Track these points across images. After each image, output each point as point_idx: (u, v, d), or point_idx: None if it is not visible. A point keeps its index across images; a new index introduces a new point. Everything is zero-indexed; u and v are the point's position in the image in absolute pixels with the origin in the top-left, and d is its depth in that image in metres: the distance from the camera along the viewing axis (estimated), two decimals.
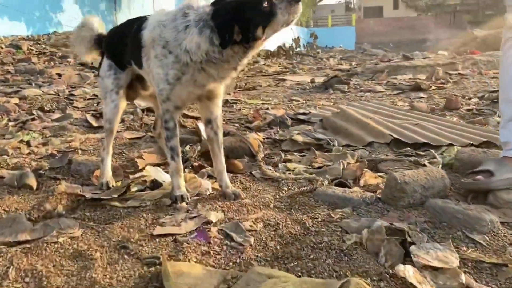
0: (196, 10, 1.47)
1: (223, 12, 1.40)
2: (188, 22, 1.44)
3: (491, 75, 4.12)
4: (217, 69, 1.47)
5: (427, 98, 3.27)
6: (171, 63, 1.48)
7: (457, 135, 2.18)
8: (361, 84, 3.93)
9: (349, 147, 2.16)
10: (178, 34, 1.46)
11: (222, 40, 1.39)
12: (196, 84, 1.51)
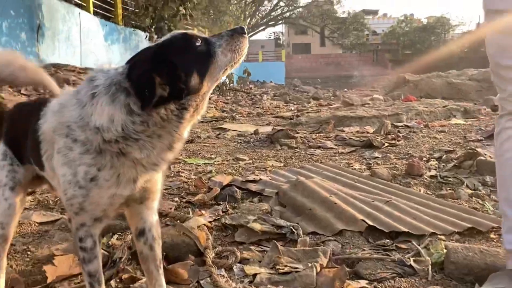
0: (106, 72, 1.04)
1: (138, 64, 1.00)
2: (95, 89, 1.02)
3: (438, 129, 4.01)
4: (144, 149, 1.02)
5: (383, 158, 3.03)
6: (79, 156, 1.02)
7: (435, 218, 1.90)
8: (309, 138, 3.64)
9: (316, 235, 1.80)
10: (83, 109, 1.02)
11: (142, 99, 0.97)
12: (120, 180, 1.06)
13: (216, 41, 1.07)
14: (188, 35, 1.06)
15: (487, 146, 3.15)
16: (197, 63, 1.03)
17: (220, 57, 1.06)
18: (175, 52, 1.02)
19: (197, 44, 1.04)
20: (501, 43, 1.26)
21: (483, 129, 3.88)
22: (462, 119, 4.58)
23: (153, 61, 1.00)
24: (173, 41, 1.05)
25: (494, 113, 5.01)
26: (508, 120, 1.28)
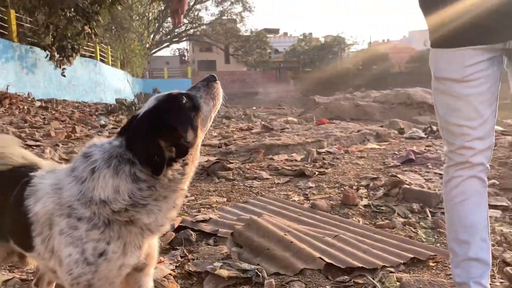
0: (100, 146, 1.07)
1: (140, 134, 1.05)
2: (94, 164, 1.05)
3: (358, 154, 4.33)
4: (152, 213, 1.07)
5: (316, 188, 3.22)
6: (86, 234, 1.04)
7: (382, 250, 2.10)
8: (244, 168, 3.74)
9: (278, 275, 1.90)
10: (83, 185, 1.05)
11: (154, 167, 1.02)
12: (126, 250, 1.09)
13: (197, 93, 1.17)
14: (174, 96, 1.13)
15: (405, 172, 3.48)
16: (189, 119, 1.12)
17: (204, 108, 1.16)
18: (170, 114, 1.08)
19: (184, 102, 1.11)
20: (451, 105, 1.45)
21: (396, 153, 4.26)
22: (376, 143, 4.98)
23: (154, 128, 1.04)
24: (163, 104, 1.10)
25: (401, 136, 5.52)
26: (456, 170, 1.47)
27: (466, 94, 1.41)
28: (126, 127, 1.13)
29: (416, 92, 8.76)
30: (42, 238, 1.09)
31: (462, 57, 1.40)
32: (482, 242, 1.47)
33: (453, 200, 1.51)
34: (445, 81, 1.45)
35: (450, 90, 1.44)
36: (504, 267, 1.90)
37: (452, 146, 1.47)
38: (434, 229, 2.40)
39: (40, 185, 1.12)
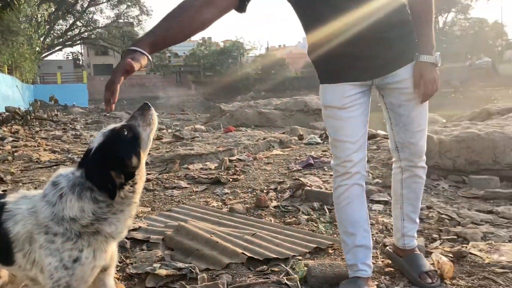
0: (66, 176, 1.37)
1: (94, 168, 1.34)
2: (61, 191, 1.35)
3: (265, 160, 4.81)
4: (113, 224, 1.39)
5: (232, 193, 3.61)
6: (62, 245, 1.34)
7: (291, 243, 2.54)
8: (162, 179, 4.02)
9: (209, 270, 2.25)
10: (54, 208, 1.34)
11: (109, 193, 1.33)
12: (96, 254, 1.40)
13: (135, 122, 1.45)
14: (116, 130, 1.42)
15: (306, 175, 4.00)
16: (132, 148, 1.41)
17: (143, 134, 1.44)
18: (115, 147, 1.38)
19: (125, 134, 1.42)
20: (336, 126, 1.92)
21: (298, 159, 4.81)
22: (280, 149, 5.51)
23: (104, 162, 1.35)
24: (109, 140, 1.40)
25: (301, 142, 6.13)
26: (342, 180, 1.93)
27: (346, 117, 1.88)
28: (84, 159, 1.41)
29: (312, 100, 9.58)
30: (23, 253, 1.35)
31: (343, 90, 1.87)
32: (365, 233, 1.96)
33: (341, 203, 1.98)
34: (331, 108, 1.92)
35: (335, 115, 1.91)
36: (384, 248, 2.44)
37: (338, 160, 1.93)
38: (331, 223, 2.90)
39: (17, 210, 1.38)
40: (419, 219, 2.24)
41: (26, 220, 1.34)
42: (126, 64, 1.41)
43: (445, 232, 2.67)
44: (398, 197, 2.08)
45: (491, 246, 2.42)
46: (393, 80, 1.84)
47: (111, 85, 1.41)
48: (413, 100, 1.84)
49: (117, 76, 1.41)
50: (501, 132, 3.93)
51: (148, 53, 1.49)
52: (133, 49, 1.47)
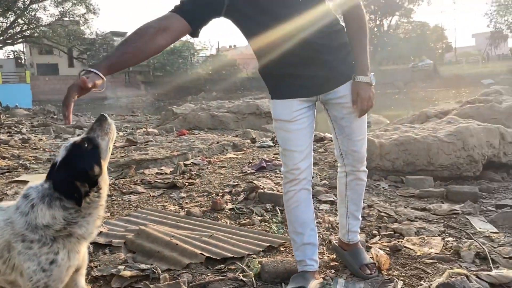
0: (36, 188, 1.53)
1: (61, 180, 1.50)
2: (32, 201, 1.50)
3: (219, 164, 5.00)
4: (83, 226, 1.54)
5: (188, 197, 3.78)
6: (39, 251, 1.49)
7: (246, 242, 2.74)
8: (118, 184, 4.12)
9: (170, 271, 2.42)
10: (27, 217, 1.49)
11: (75, 201, 1.49)
12: (70, 255, 1.55)
13: (94, 134, 1.60)
14: (77, 143, 1.57)
15: (259, 178, 4.22)
16: (93, 158, 1.56)
17: (102, 144, 1.59)
18: (78, 159, 1.53)
19: (86, 146, 1.57)
20: (285, 137, 2.14)
21: (251, 162, 5.03)
22: (233, 152, 5.71)
23: (69, 174, 1.50)
24: (72, 153, 1.54)
25: (254, 145, 6.36)
26: (291, 186, 2.16)
27: (294, 130, 2.11)
28: (50, 172, 1.56)
29: (263, 103, 9.86)
30: (3, 260, 1.48)
31: (291, 105, 2.10)
32: (312, 232, 2.20)
33: (290, 206, 2.20)
34: (281, 121, 2.14)
35: (284, 127, 2.13)
36: (329, 245, 2.69)
37: (287, 167, 2.16)
38: (283, 223, 3.13)
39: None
40: (361, 217, 2.52)
41: (3, 231, 1.46)
42: (80, 81, 1.56)
43: (384, 229, 2.97)
44: (343, 197, 2.34)
45: (422, 240, 2.73)
46: (335, 96, 2.09)
47: (65, 101, 1.55)
48: (354, 113, 2.09)
49: (71, 93, 1.56)
50: (434, 136, 4.32)
51: (103, 74, 1.64)
52: (89, 70, 1.62)
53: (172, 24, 1.83)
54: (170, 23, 1.83)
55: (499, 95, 8.24)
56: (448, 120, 5.07)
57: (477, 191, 3.66)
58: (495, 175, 4.37)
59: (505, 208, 3.24)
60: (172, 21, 1.84)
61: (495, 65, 50.42)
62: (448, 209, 3.27)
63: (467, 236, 2.78)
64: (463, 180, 4.21)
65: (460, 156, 4.19)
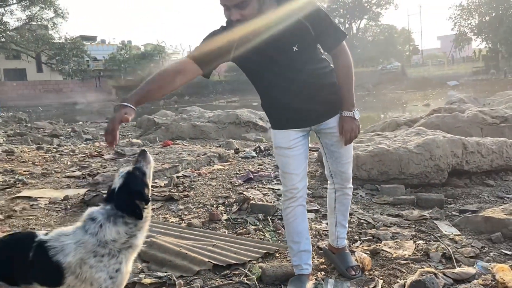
0: (99, 211, 1.91)
1: (124, 200, 1.87)
2: (100, 222, 1.88)
3: (209, 176, 5.36)
4: (139, 239, 1.93)
5: (186, 209, 4.13)
6: (108, 263, 1.85)
7: (246, 250, 3.13)
8: None
9: (182, 277, 2.78)
10: (97, 236, 1.86)
11: (137, 216, 1.87)
12: (128, 264, 1.93)
13: (140, 164, 1.99)
14: (131, 172, 1.96)
15: (248, 189, 4.61)
16: (143, 182, 1.96)
17: (147, 171, 2.00)
18: (134, 184, 1.92)
19: (137, 174, 1.95)
20: (284, 162, 2.54)
21: (238, 173, 5.41)
22: (220, 163, 6.08)
23: (130, 195, 1.87)
24: (129, 180, 1.93)
25: (238, 156, 6.74)
26: (290, 203, 2.55)
27: (292, 155, 2.51)
28: (109, 196, 1.92)
29: (243, 113, 10.26)
30: (75, 276, 1.82)
31: (288, 135, 2.50)
32: (306, 240, 2.61)
33: (289, 220, 2.60)
34: (280, 148, 2.54)
35: (283, 153, 2.53)
36: (318, 250, 3.10)
37: (286, 187, 2.56)
38: (275, 231, 3.53)
39: (63, 245, 1.84)
40: None
41: (76, 251, 1.81)
42: (123, 117, 1.94)
43: (364, 234, 3.40)
44: (332, 209, 2.76)
45: (397, 244, 3.18)
46: (326, 127, 2.51)
47: (112, 132, 1.93)
48: (342, 141, 2.51)
49: (116, 125, 1.94)
50: (405, 148, 4.81)
51: (134, 107, 2.02)
52: (125, 104, 1.99)
53: (187, 68, 2.23)
54: (186, 67, 2.23)
55: (462, 104, 8.90)
56: (417, 131, 5.58)
57: (443, 197, 4.16)
58: (459, 181, 4.89)
59: (467, 213, 3.73)
60: (187, 66, 2.23)
61: (459, 67, 52.37)
62: (418, 215, 3.75)
63: (435, 239, 3.25)
64: (431, 187, 4.71)
65: (428, 166, 4.69)
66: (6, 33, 43.66)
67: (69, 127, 18.94)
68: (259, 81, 2.48)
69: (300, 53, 2.31)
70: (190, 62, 2.25)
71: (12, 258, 1.87)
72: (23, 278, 1.86)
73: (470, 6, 51.94)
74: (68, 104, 46.39)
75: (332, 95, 2.47)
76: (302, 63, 2.34)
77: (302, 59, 2.33)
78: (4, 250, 1.91)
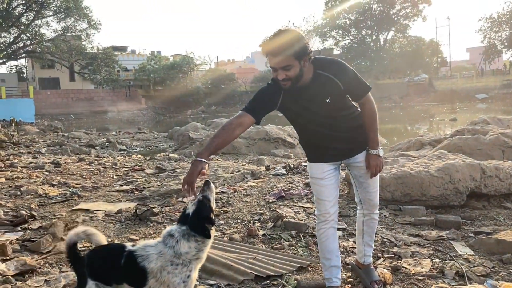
0: (176, 230, 2.41)
1: (196, 223, 2.37)
2: (176, 238, 2.37)
3: (244, 192, 5.85)
4: (204, 252, 2.41)
5: (226, 224, 4.62)
6: (181, 270, 2.35)
7: (281, 263, 3.59)
8: (166, 212, 4.96)
9: (229, 285, 3.27)
10: (174, 249, 2.36)
11: (207, 236, 2.37)
12: (195, 272, 2.41)
13: (206, 193, 2.47)
14: (201, 200, 2.45)
15: (281, 207, 5.08)
16: (210, 208, 2.45)
17: (211, 198, 2.48)
18: (204, 210, 2.41)
19: (205, 201, 2.44)
20: (318, 190, 3.01)
21: (271, 190, 5.89)
22: (253, 180, 6.57)
23: (201, 219, 2.37)
24: (200, 206, 2.43)
25: (269, 173, 7.22)
26: (323, 225, 3.01)
27: (325, 185, 2.98)
28: (182, 218, 2.43)
29: (272, 130, 10.77)
30: (156, 279, 2.32)
31: (322, 167, 2.97)
32: (337, 257, 3.06)
33: (322, 239, 3.06)
34: (315, 179, 3.01)
35: (318, 183, 3.00)
36: (345, 266, 3.54)
37: (320, 211, 3.03)
38: (307, 247, 3.99)
39: (148, 254, 2.35)
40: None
41: (157, 259, 2.32)
42: (201, 172, 2.46)
43: (386, 252, 3.83)
44: (361, 231, 3.21)
45: (416, 261, 3.60)
46: (355, 161, 2.98)
47: (191, 184, 2.44)
48: (368, 174, 2.97)
49: (194, 178, 2.45)
50: (427, 171, 5.21)
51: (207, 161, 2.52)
52: (200, 159, 2.50)
53: (244, 121, 2.73)
54: (244, 120, 2.73)
55: (485, 125, 9.17)
56: (439, 154, 5.96)
57: (460, 220, 4.53)
58: (477, 203, 5.25)
59: (482, 235, 4.11)
60: (244, 119, 2.74)
61: (489, 80, 51.63)
62: (436, 235, 4.15)
63: (450, 258, 3.65)
64: (450, 208, 5.09)
65: (448, 188, 5.07)
66: (42, 44, 45.43)
67: (104, 137, 19.83)
68: (297, 125, 2.98)
69: (332, 104, 2.78)
70: (247, 115, 2.76)
71: (107, 264, 2.39)
72: (116, 279, 2.37)
73: (501, 18, 51.45)
74: (99, 113, 47.91)
75: (359, 135, 2.94)
76: (334, 111, 2.82)
77: (334, 108, 2.81)
78: (101, 257, 2.44)
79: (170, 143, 14.73)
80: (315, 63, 2.72)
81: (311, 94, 2.75)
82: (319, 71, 2.71)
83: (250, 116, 2.75)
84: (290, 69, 2.59)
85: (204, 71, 60.54)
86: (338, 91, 2.76)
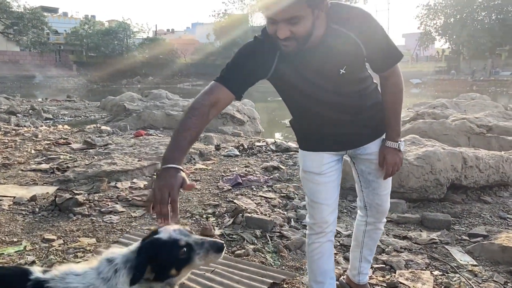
0: (121, 252, 1.51)
1: (140, 254, 1.48)
2: (115, 266, 1.47)
3: (192, 177, 4.92)
4: None
5: None
6: None
7: (249, 279, 2.75)
8: (94, 201, 3.94)
9: None
10: (109, 282, 1.45)
11: (132, 277, 1.47)
12: None
13: (197, 249, 1.52)
14: (177, 243, 1.50)
15: (238, 197, 4.22)
16: (177, 264, 1.51)
17: (196, 262, 1.53)
18: (164, 254, 1.48)
19: (180, 252, 1.50)
20: (314, 189, 2.16)
21: (224, 175, 5.01)
22: (201, 162, 5.65)
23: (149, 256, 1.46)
24: (163, 245, 1.49)
25: (220, 154, 6.32)
26: (317, 238, 2.19)
27: (323, 182, 2.15)
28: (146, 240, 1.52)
29: None
30: None
31: (321, 158, 2.13)
32: (331, 280, 2.26)
33: (314, 257, 2.24)
34: (310, 173, 2.16)
35: (313, 179, 2.16)
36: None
37: (314, 219, 2.19)
38: (277, 253, 3.17)
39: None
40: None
41: None
42: (187, 185, 1.55)
43: (375, 260, 3.09)
44: (359, 243, 2.42)
45: (414, 274, 2.89)
46: (364, 152, 2.15)
47: (173, 203, 1.52)
48: (381, 171, 2.16)
49: (176, 194, 1.51)
50: (405, 159, 4.54)
51: (180, 165, 1.59)
52: (175, 166, 1.55)
53: (219, 98, 1.79)
54: (218, 97, 1.79)
55: (445, 109, 8.79)
56: (412, 139, 5.33)
57: (450, 218, 3.91)
58: (456, 196, 4.68)
59: (478, 238, 3.50)
60: (219, 95, 1.79)
61: (423, 66, 53.49)
62: (428, 239, 3.48)
63: (452, 269, 2.98)
64: (429, 202, 4.48)
65: (428, 180, 4.45)
66: None
67: (28, 103, 17.83)
68: (292, 101, 2.09)
69: (347, 75, 1.91)
70: (223, 89, 1.82)
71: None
72: None
73: (437, 6, 52.97)
74: (25, 78, 44.20)
75: (373, 118, 2.11)
76: (347, 85, 1.96)
77: (348, 81, 1.95)
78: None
79: (103, 114, 13.27)
80: (329, 13, 1.81)
81: (320, 61, 1.86)
82: (335, 26, 1.82)
83: (227, 90, 1.82)
84: (298, 22, 1.67)
85: (141, 39, 57.73)
86: (358, 57, 1.90)
